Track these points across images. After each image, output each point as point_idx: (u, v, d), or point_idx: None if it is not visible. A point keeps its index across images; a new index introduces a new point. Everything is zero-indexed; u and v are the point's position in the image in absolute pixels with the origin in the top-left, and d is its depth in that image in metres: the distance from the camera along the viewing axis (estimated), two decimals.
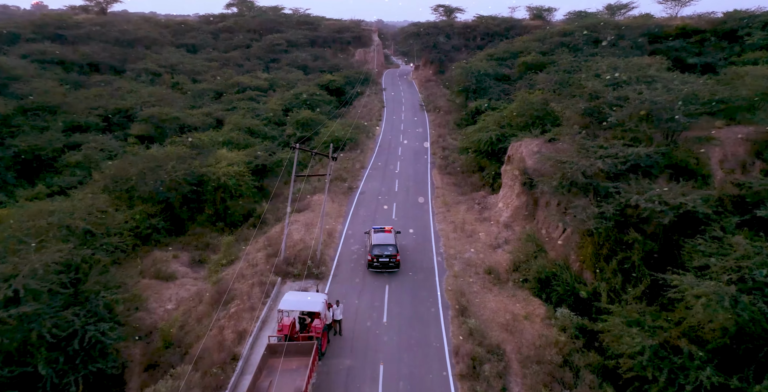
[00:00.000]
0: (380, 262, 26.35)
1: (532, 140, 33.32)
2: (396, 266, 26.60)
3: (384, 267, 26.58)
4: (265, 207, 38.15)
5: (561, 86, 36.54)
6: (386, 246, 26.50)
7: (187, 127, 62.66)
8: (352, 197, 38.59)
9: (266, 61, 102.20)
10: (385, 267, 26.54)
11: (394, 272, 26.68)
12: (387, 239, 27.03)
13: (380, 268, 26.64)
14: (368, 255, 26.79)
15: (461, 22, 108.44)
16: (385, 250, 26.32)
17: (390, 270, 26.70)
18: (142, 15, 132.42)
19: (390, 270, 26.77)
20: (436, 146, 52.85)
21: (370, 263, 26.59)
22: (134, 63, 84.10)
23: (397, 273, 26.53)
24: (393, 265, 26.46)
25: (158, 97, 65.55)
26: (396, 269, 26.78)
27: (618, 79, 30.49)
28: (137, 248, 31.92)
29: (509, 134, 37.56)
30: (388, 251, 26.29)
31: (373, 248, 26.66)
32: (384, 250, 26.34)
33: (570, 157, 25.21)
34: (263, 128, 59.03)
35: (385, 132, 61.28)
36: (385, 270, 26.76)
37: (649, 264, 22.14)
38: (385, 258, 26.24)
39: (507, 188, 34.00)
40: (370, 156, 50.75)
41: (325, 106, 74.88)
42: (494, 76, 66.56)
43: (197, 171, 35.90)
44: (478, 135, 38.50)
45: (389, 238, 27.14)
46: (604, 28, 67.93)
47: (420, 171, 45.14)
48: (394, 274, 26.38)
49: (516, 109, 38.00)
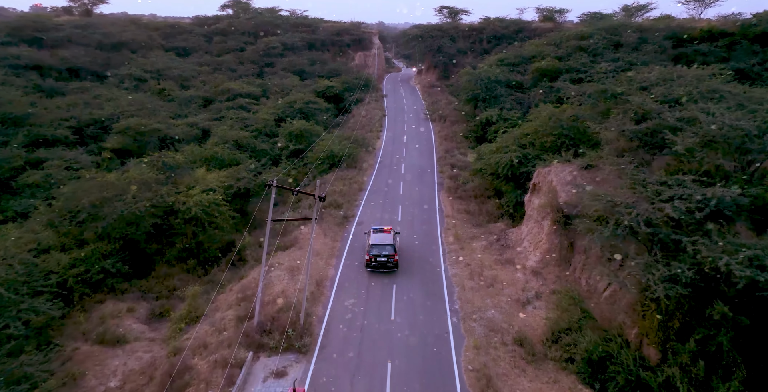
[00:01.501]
0: (378, 262, 26.56)
1: (563, 166, 27.69)
2: (394, 266, 26.71)
3: (382, 267, 26.70)
4: (245, 239, 32.51)
5: (595, 99, 30.92)
6: (384, 246, 26.64)
7: (169, 139, 57.34)
8: (347, 229, 32.93)
9: (260, 66, 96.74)
10: (383, 266, 26.66)
11: (392, 271, 26.60)
12: (385, 239, 27.09)
13: (378, 268, 26.78)
14: (366, 254, 26.93)
15: (466, 24, 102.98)
16: (383, 250, 26.48)
17: (388, 270, 26.78)
18: (131, 17, 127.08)
19: (388, 270, 26.81)
20: (444, 162, 47.21)
21: (368, 263, 26.82)
22: (118, 68, 78.69)
23: (401, 346, 20.80)
24: (391, 265, 26.63)
25: (139, 106, 60.13)
26: (394, 269, 26.81)
27: (673, 95, 24.85)
28: (86, 298, 26.34)
29: (533, 156, 31.92)
30: (386, 251, 26.43)
31: (371, 248, 26.79)
32: (382, 250, 26.50)
33: (624, 197, 19.56)
34: (252, 141, 53.49)
35: (386, 145, 55.68)
36: (383, 270, 26.80)
37: (742, 348, 16.51)
38: (383, 258, 26.44)
39: (533, 223, 28.34)
40: (369, 174, 45.13)
41: (322, 115, 69.42)
42: (505, 83, 61.01)
43: (165, 200, 30.26)
44: (495, 156, 32.80)
45: (387, 238, 27.18)
46: (624, 30, 62.35)
47: (426, 194, 39.50)
48: (399, 348, 20.64)
49: (541, 125, 32.33)
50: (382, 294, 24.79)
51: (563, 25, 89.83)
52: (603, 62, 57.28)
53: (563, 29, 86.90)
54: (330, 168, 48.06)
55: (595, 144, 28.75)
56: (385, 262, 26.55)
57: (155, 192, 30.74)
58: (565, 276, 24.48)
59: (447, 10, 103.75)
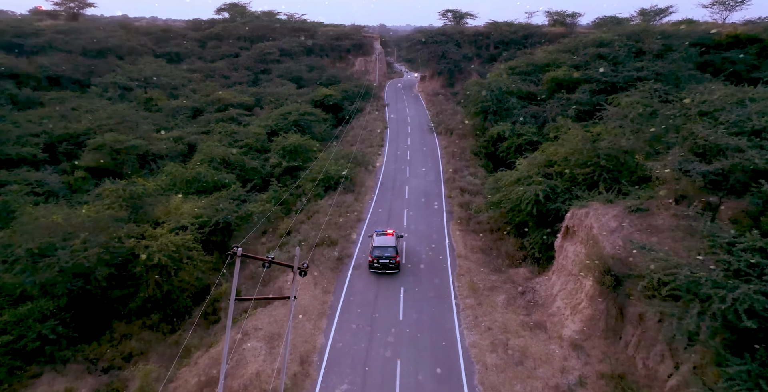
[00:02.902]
0: (380, 263, 27.41)
1: (604, 207, 22.64)
2: (396, 267, 27.58)
3: (384, 268, 27.56)
4: (221, 287, 27.54)
5: (639, 124, 25.77)
6: (386, 248, 27.52)
7: (151, 155, 52.48)
8: (342, 274, 27.89)
9: (255, 72, 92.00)
10: (384, 268, 27.54)
11: (394, 272, 27.78)
12: (387, 241, 27.92)
13: (380, 269, 27.56)
14: (369, 256, 27.73)
15: (472, 28, 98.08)
16: (385, 252, 27.38)
17: (390, 271, 27.64)
18: (122, 21, 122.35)
19: (390, 271, 27.66)
20: (452, 185, 42.15)
21: (371, 264, 27.62)
22: (103, 76, 73.87)
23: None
24: (393, 266, 27.48)
25: (119, 119, 55.26)
26: (396, 270, 27.72)
27: (750, 124, 19.78)
28: (18, 372, 21.34)
29: (562, 189, 26.84)
30: (388, 252, 27.34)
31: (373, 250, 27.61)
32: (384, 252, 27.37)
33: (704, 267, 14.51)
34: (241, 158, 48.60)
35: (388, 162, 50.67)
36: (385, 271, 27.66)
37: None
38: (385, 259, 27.29)
39: (567, 276, 23.27)
40: (369, 200, 40.11)
41: (320, 126, 64.55)
42: (517, 94, 56.02)
43: (123, 244, 25.24)
44: (517, 190, 27.67)
45: (390, 241, 28.00)
46: (646, 36, 57.32)
47: (434, 226, 34.46)
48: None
49: (571, 153, 27.21)
50: (383, 375, 19.72)
51: (575, 30, 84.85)
52: (625, 71, 52.35)
53: (576, 34, 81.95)
54: (326, 190, 43.09)
55: (642, 179, 23.68)
56: (387, 263, 27.38)
57: (112, 234, 25.75)
58: (615, 353, 19.39)
59: (452, 14, 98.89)
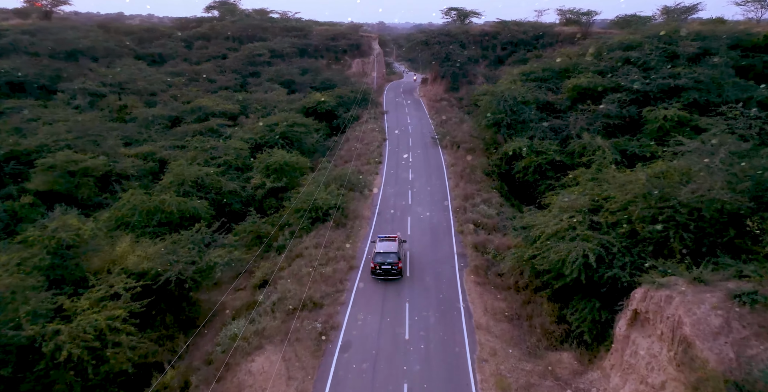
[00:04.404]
0: (383, 269, 27.14)
1: (696, 291, 15.84)
2: (398, 273, 27.24)
3: (386, 275, 27.22)
4: (165, 376, 20.72)
5: (730, 164, 18.81)
6: (388, 254, 27.16)
7: (115, 176, 45.73)
8: (326, 362, 20.95)
9: (244, 75, 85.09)
10: (387, 274, 27.19)
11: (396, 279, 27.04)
12: (389, 247, 27.62)
13: (382, 275, 27.28)
14: (372, 262, 27.37)
15: (478, 27, 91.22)
16: (387, 258, 27.07)
17: (392, 277, 27.22)
18: (101, 20, 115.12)
19: (392, 277, 27.22)
20: (463, 216, 35.34)
21: (373, 270, 27.34)
22: (73, 80, 66.87)
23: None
24: (395, 272, 27.14)
25: (81, 131, 48.47)
26: (398, 276, 27.28)
27: None
28: None
29: (619, 250, 19.99)
30: (390, 258, 27.05)
31: (375, 256, 27.31)
32: (386, 258, 27.08)
33: None
34: (218, 179, 41.87)
35: (387, 184, 43.88)
36: (388, 277, 27.26)
37: None
38: (387, 265, 27.03)
39: (640, 384, 16.46)
40: (364, 237, 33.36)
41: (311, 137, 57.74)
42: (534, 103, 49.20)
43: (19, 334, 18.32)
44: (556, 248, 20.78)
45: (392, 246, 27.71)
46: (681, 38, 50.47)
47: (444, 277, 27.69)
48: None
49: (635, 201, 20.25)
50: None
51: (591, 30, 77.99)
52: (659, 78, 45.55)
53: (591, 35, 75.16)
54: (313, 223, 36.27)
55: (746, 250, 16.85)
56: (389, 270, 27.10)
57: (10, 313, 18.86)
58: None
59: (455, 12, 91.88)
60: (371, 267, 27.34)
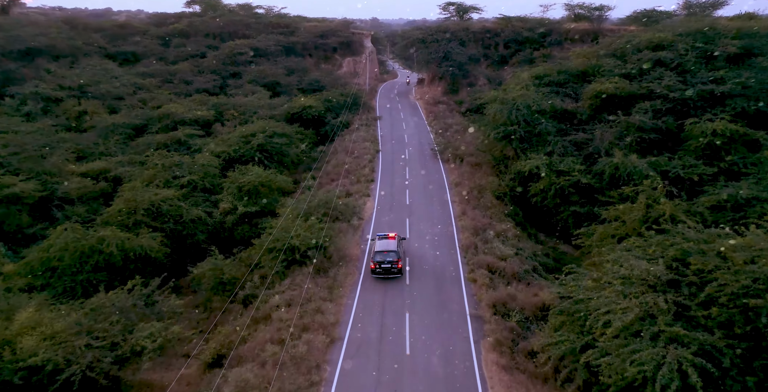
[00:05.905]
0: (382, 268, 26.61)
1: None
2: (398, 272, 26.78)
3: (386, 273, 26.72)
4: None
5: None
6: (388, 253, 26.63)
7: (56, 201, 38.68)
8: None
9: (224, 76, 77.70)
10: (387, 273, 26.70)
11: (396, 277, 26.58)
12: (389, 246, 27.02)
13: (382, 274, 26.76)
14: (371, 261, 26.86)
15: (478, 24, 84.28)
16: (387, 257, 26.56)
17: (392, 276, 26.72)
18: (67, 16, 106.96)
19: (392, 276, 26.70)
20: (475, 260, 28.49)
21: (373, 270, 26.81)
22: (27, 83, 59.32)
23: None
24: (395, 271, 26.64)
25: (18, 146, 41.29)
26: (399, 275, 26.83)
27: None
28: None
29: (735, 365, 13.15)
30: (390, 257, 26.53)
31: (375, 255, 26.80)
32: (386, 257, 26.56)
33: None
34: (178, 205, 34.85)
35: (380, 211, 37.00)
36: (388, 276, 26.72)
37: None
38: (387, 264, 26.54)
39: None
40: (351, 288, 26.50)
41: (294, 148, 50.68)
42: (550, 112, 42.44)
43: None
44: (630, 352, 13.90)
45: (391, 245, 27.06)
46: (720, 35, 43.78)
47: (456, 358, 20.83)
48: None
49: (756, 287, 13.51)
50: None
51: (603, 26, 71.28)
52: (699, 84, 38.91)
53: (605, 32, 68.51)
54: (288, 266, 29.30)
55: None
56: (389, 269, 26.46)
57: None
58: None
59: (454, 8, 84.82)
60: (371, 267, 27.01)
